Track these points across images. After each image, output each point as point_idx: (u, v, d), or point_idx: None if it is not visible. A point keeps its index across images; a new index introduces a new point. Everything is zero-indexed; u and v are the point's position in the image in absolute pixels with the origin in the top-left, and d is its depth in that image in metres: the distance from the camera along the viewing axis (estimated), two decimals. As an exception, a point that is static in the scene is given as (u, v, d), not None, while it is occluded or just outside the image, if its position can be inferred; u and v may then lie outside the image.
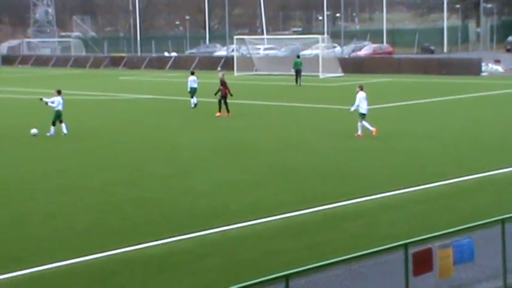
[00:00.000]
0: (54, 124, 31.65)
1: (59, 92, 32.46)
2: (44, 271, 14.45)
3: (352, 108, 30.37)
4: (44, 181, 23.09)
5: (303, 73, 57.44)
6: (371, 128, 29.78)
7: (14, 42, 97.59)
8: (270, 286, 11.07)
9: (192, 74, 43.03)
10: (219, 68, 69.28)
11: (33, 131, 31.68)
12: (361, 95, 30.12)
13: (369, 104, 30.55)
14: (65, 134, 31.59)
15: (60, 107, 31.81)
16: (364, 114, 29.99)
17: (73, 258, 14.99)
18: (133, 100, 47.66)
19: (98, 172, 24.33)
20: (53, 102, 31.75)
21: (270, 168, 24.21)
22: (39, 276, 14.26)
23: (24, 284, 14.00)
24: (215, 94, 38.55)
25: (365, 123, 29.98)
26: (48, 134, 31.61)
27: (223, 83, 37.68)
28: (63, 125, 31.76)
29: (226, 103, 37.34)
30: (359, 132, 29.88)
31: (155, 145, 29.43)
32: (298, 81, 56.46)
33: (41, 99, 31.94)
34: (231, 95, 37.67)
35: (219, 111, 37.12)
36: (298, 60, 58.98)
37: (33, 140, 31.00)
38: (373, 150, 27.18)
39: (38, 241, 16.55)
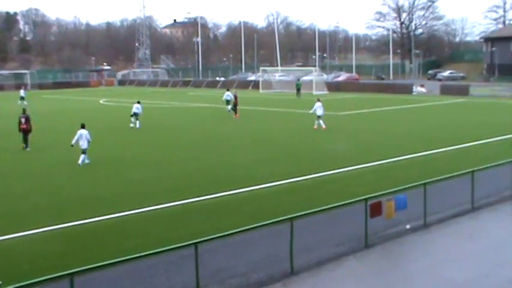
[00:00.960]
0: (137, 119, 31.95)
1: (138, 102, 32.88)
2: (139, 213, 14.54)
3: (310, 111, 30.88)
4: (142, 158, 23.08)
5: (302, 91, 57.12)
6: (324, 126, 29.81)
7: (125, 71, 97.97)
8: (281, 224, 11.13)
9: (228, 90, 42.76)
10: (250, 88, 69.06)
11: (132, 125, 31.91)
12: (317, 104, 30.55)
13: (325, 110, 30.95)
14: (137, 128, 31.53)
15: (137, 110, 32.10)
16: (319, 116, 30.14)
17: (157, 205, 15.12)
18: (196, 107, 47.52)
19: (175, 152, 24.36)
20: (137, 108, 32.18)
21: (280, 151, 24.14)
22: (135, 217, 14.36)
23: (126, 222, 14.08)
24: (232, 104, 38.24)
25: (321, 121, 30.07)
26: (132, 126, 31.83)
27: (236, 97, 37.52)
28: (137, 121, 31.98)
29: (236, 109, 36.95)
30: (315, 127, 30.11)
31: (209, 136, 29.29)
32: (299, 95, 56.15)
33: (133, 116, 32.19)
34: (236, 105, 37.22)
35: (236, 114, 36.69)
36: (299, 82, 59.23)
37: (131, 131, 30.95)
38: (343, 140, 27.02)
39: (134, 195, 16.55)
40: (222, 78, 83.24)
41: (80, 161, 20.95)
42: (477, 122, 33.19)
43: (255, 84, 69.55)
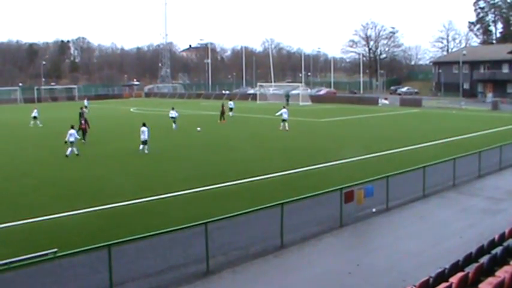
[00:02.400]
0: (174, 122, 32.02)
1: (172, 108, 32.90)
2: (161, 199, 14.37)
3: (276, 114, 31.38)
4: (163, 153, 22.73)
5: (291, 102, 56.58)
6: (287, 128, 29.89)
7: (150, 86, 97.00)
8: (274, 208, 11.03)
9: (231, 100, 43.37)
10: (249, 99, 68.68)
11: (198, 128, 30.94)
12: (283, 110, 30.98)
13: (289, 116, 31.37)
14: (175, 129, 31.46)
15: (173, 115, 32.33)
16: (284, 120, 30.28)
17: (175, 192, 14.99)
18: (206, 114, 47.21)
19: (188, 150, 23.87)
20: (172, 114, 32.31)
21: (273, 149, 23.87)
22: (157, 202, 14.15)
23: (150, 205, 13.86)
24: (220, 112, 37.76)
25: (286, 124, 30.14)
26: (174, 128, 31.61)
27: (222, 106, 37.47)
28: (174, 124, 31.90)
29: (223, 116, 36.72)
30: (280, 128, 30.11)
31: (215, 137, 28.86)
32: (288, 105, 55.59)
33: (172, 121, 31.89)
34: (223, 113, 37.13)
35: (220, 120, 36.30)
36: (288, 95, 59.28)
37: (152, 131, 30.09)
38: (323, 141, 26.68)
39: (158, 183, 16.35)
40: (227, 92, 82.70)
41: (140, 148, 21.79)
42: (428, 127, 33.09)
43: (254, 97, 69.19)
